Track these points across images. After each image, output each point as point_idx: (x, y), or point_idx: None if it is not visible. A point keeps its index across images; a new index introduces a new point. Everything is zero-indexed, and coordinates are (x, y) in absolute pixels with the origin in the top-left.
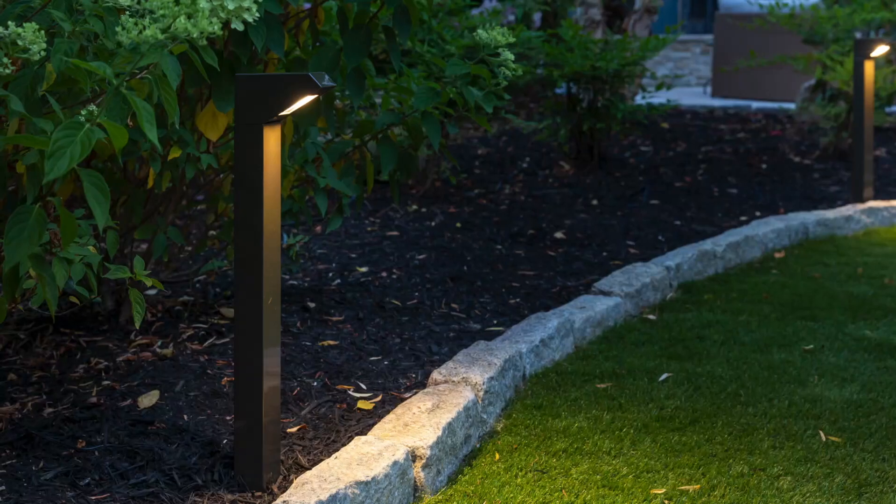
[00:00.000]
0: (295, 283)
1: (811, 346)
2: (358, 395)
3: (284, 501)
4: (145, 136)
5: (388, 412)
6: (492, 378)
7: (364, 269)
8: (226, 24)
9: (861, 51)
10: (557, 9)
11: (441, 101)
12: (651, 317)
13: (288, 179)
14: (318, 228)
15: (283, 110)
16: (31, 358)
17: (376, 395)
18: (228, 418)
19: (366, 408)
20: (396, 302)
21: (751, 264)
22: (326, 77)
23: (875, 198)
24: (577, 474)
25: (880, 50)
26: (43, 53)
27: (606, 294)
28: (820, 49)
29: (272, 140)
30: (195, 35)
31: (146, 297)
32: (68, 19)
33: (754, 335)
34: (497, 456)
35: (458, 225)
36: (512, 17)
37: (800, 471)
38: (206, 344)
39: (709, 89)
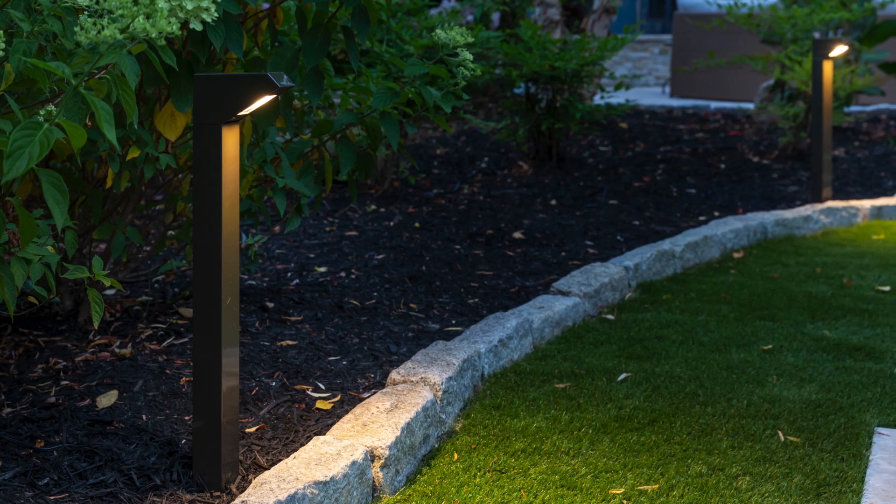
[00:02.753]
0: (253, 283)
1: (770, 346)
2: (316, 395)
3: (243, 501)
4: (104, 135)
5: (346, 412)
6: (450, 378)
7: (323, 269)
8: (184, 24)
9: (820, 51)
10: (516, 9)
11: (400, 100)
12: (610, 317)
13: (247, 179)
14: (277, 228)
15: (241, 110)
16: None
17: (335, 395)
18: (187, 418)
19: (324, 408)
20: (355, 302)
21: (709, 264)
22: (285, 77)
23: (834, 198)
24: (536, 474)
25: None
26: (1, 53)
27: (565, 294)
28: (778, 49)
29: (231, 140)
30: (154, 35)
31: (105, 296)
32: (27, 19)
33: (713, 335)
34: (456, 456)
35: (417, 225)
36: (470, 17)
37: (758, 471)
38: (164, 344)
39: (667, 89)
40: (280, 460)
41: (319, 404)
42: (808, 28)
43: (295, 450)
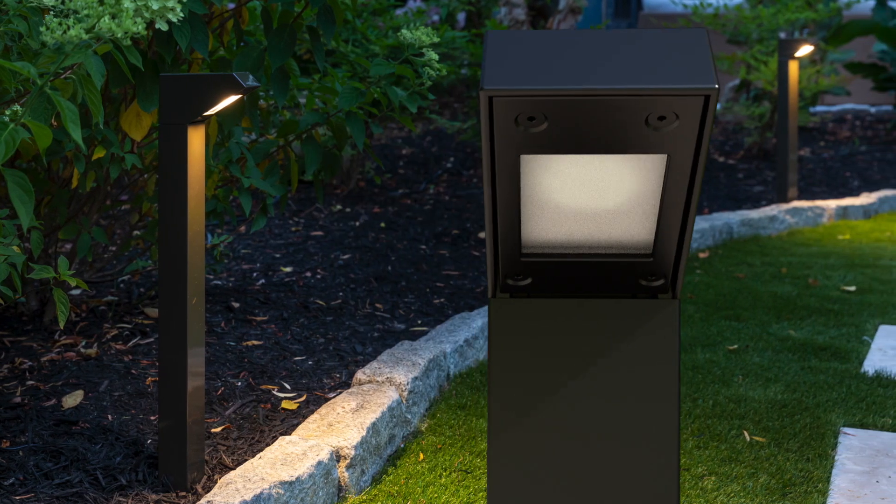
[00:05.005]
0: (219, 282)
1: (735, 346)
2: (282, 395)
3: (209, 501)
4: (70, 135)
5: (312, 412)
6: (416, 378)
7: (288, 269)
8: (150, 24)
9: (785, 51)
10: (482, 9)
11: (365, 100)
12: None
13: (212, 179)
14: (243, 228)
15: (207, 110)
16: None
17: (300, 395)
18: (153, 418)
19: (290, 408)
20: (321, 302)
21: None
22: (251, 77)
23: (799, 198)
24: None
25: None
26: None
27: None
28: (744, 49)
29: (196, 140)
30: (119, 35)
31: (70, 297)
32: None
33: None
34: (421, 456)
35: (383, 225)
36: (436, 17)
37: (724, 471)
38: (130, 344)
39: None
40: (246, 460)
41: (285, 404)
42: (773, 28)
43: (261, 450)
